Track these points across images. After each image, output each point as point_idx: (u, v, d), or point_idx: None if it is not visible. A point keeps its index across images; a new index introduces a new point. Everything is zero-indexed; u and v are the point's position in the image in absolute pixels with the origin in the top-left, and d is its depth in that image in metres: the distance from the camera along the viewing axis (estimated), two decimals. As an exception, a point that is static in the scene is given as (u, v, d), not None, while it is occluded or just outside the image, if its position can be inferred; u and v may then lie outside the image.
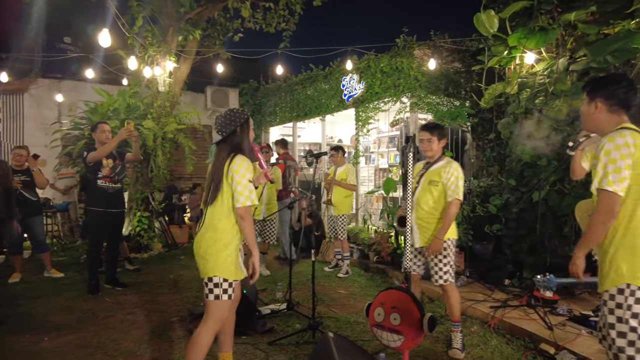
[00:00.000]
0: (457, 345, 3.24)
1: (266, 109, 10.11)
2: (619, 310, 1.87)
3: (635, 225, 1.88)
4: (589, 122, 2.12)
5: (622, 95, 1.98)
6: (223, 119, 2.47)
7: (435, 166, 3.29)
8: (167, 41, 7.41)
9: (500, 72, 5.28)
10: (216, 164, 2.41)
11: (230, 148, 2.43)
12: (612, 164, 1.85)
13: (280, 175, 5.98)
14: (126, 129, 4.54)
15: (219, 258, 2.35)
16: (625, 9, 4.06)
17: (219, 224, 2.36)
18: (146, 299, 4.61)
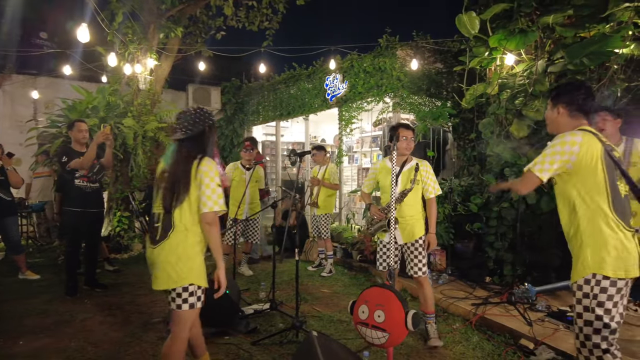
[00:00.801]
0: (435, 335, 3.40)
1: (249, 107, 10.04)
2: (586, 299, 1.99)
3: (597, 218, 2.02)
4: (552, 125, 2.31)
5: (581, 101, 2.16)
6: (191, 117, 2.33)
7: (409, 166, 3.48)
8: (148, 38, 7.29)
9: (481, 73, 5.36)
10: (180, 164, 2.27)
11: (197, 149, 2.31)
12: (551, 156, 2.06)
13: (264, 174, 5.95)
14: (102, 132, 4.46)
15: (195, 265, 2.25)
16: (600, 13, 4.16)
17: (191, 229, 2.24)
18: (126, 300, 4.53)
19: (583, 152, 2.01)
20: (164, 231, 2.23)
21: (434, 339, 3.38)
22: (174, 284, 2.22)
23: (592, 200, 2.03)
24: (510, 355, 3.24)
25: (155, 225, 2.27)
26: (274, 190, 10.00)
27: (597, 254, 1.98)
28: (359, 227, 6.81)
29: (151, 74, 7.49)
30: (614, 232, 1.99)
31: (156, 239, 2.25)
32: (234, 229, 5.04)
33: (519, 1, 4.69)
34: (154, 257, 2.25)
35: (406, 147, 3.43)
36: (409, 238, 3.46)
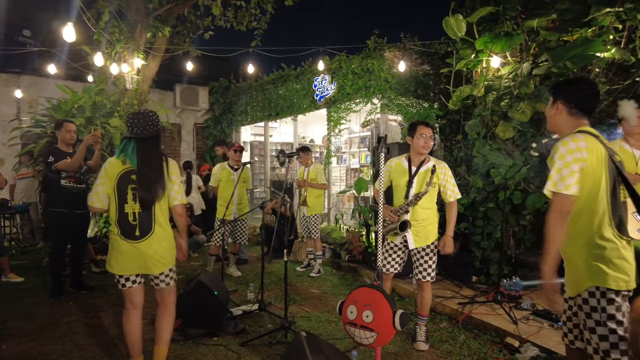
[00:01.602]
0: (422, 338, 3.39)
1: (237, 108, 10.01)
2: (595, 313, 1.87)
3: (595, 228, 1.90)
4: (550, 123, 2.17)
5: (582, 98, 2.01)
6: (149, 118, 2.53)
7: (427, 166, 3.28)
8: (135, 37, 7.22)
9: (467, 75, 5.43)
10: (152, 163, 2.52)
11: (159, 149, 2.60)
12: (567, 167, 1.87)
13: (251, 174, 5.94)
14: (92, 135, 4.39)
15: (173, 250, 2.69)
16: (582, 17, 4.26)
17: (166, 221, 2.62)
18: (113, 302, 4.48)
19: (591, 157, 1.88)
20: (146, 225, 2.53)
21: (421, 342, 3.37)
22: (165, 268, 2.62)
23: (592, 209, 1.91)
24: (496, 353, 3.29)
25: (132, 223, 2.51)
26: (263, 191, 9.99)
27: (597, 265, 1.87)
28: (347, 228, 6.84)
29: (138, 74, 7.42)
30: (612, 242, 1.88)
31: (136, 234, 2.51)
32: (222, 230, 5.02)
33: (504, 5, 4.77)
34: (142, 250, 2.53)
35: (424, 145, 3.22)
36: (423, 242, 3.30)
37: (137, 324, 2.67)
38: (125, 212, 2.53)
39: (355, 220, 6.74)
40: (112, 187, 2.54)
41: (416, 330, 3.44)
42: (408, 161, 3.36)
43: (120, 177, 2.52)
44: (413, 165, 3.32)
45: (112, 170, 2.55)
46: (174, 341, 3.44)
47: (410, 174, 3.30)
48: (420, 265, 3.35)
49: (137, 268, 2.57)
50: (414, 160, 3.33)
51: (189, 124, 10.66)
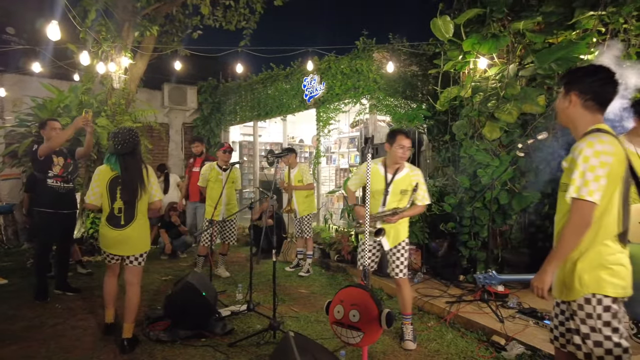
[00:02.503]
0: (410, 337, 3.43)
1: (226, 107, 9.96)
2: (590, 320, 1.81)
3: (601, 234, 1.81)
4: (562, 117, 1.98)
5: (598, 88, 1.82)
6: (127, 135, 3.28)
7: (402, 174, 3.39)
8: (123, 36, 7.14)
9: (455, 76, 5.48)
10: (132, 171, 3.30)
11: (137, 159, 3.37)
12: (591, 172, 1.72)
13: (240, 175, 5.92)
14: (83, 117, 4.27)
15: (148, 239, 3.47)
16: (566, 20, 4.34)
17: (145, 214, 3.42)
18: (100, 304, 4.42)
19: (615, 163, 1.74)
20: (129, 217, 3.31)
21: (409, 341, 3.41)
22: (138, 251, 3.40)
23: (602, 216, 1.79)
24: (482, 351, 3.33)
25: (118, 215, 3.30)
26: (252, 191, 9.96)
27: (595, 272, 1.79)
28: (336, 227, 6.85)
29: (126, 73, 7.34)
30: (611, 248, 1.80)
31: (121, 224, 3.30)
32: (210, 231, 4.99)
33: (491, 7, 4.82)
34: (125, 236, 3.31)
35: (401, 156, 3.32)
36: (395, 242, 3.45)
37: (112, 286, 3.61)
38: (113, 207, 3.31)
39: (344, 220, 6.76)
40: (105, 188, 3.31)
41: (403, 329, 3.48)
42: (384, 167, 3.42)
43: (111, 181, 3.31)
44: (389, 173, 3.40)
45: (103, 176, 3.33)
46: (162, 342, 3.43)
47: (387, 181, 3.37)
48: (393, 263, 3.48)
49: (121, 250, 3.36)
50: (390, 168, 3.41)
51: (177, 124, 10.58)
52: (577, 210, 1.76)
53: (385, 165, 3.43)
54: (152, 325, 3.67)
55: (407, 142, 3.32)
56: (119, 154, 3.28)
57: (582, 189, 1.73)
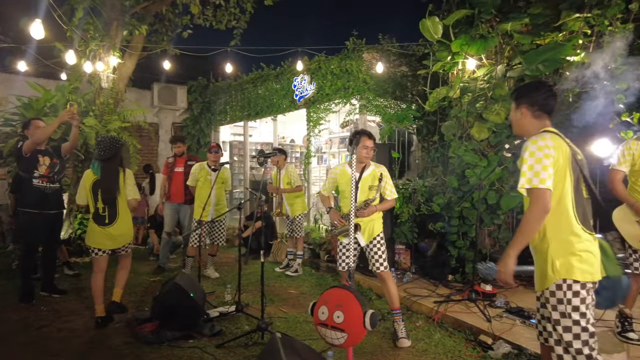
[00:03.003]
0: (403, 335, 3.44)
1: (216, 107, 9.91)
2: (561, 305, 1.93)
3: (563, 222, 1.98)
4: (516, 127, 2.26)
5: (543, 101, 2.12)
6: (108, 143, 3.79)
7: (368, 171, 3.57)
8: (111, 35, 7.07)
9: (444, 77, 5.51)
10: (109, 176, 3.79)
11: (118, 164, 3.87)
12: (538, 163, 1.93)
13: (230, 175, 5.89)
14: (68, 111, 4.20)
15: (131, 231, 4.03)
16: (553, 22, 4.38)
17: (128, 211, 3.92)
18: (87, 306, 4.38)
19: (557, 155, 1.96)
20: (112, 215, 3.81)
21: (403, 339, 3.42)
22: (126, 242, 3.98)
23: (558, 205, 1.98)
24: (470, 350, 3.35)
25: (102, 214, 3.79)
26: (241, 191, 9.92)
27: (565, 258, 1.94)
28: (326, 228, 6.85)
29: (114, 72, 7.27)
30: (578, 236, 1.96)
31: (106, 222, 3.80)
32: (199, 231, 4.96)
33: (479, 8, 4.85)
34: (113, 231, 3.83)
35: (365, 155, 3.51)
36: (370, 237, 3.59)
37: (100, 283, 3.87)
38: (97, 207, 3.79)
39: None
40: (89, 190, 3.80)
41: (395, 327, 3.49)
42: (350, 167, 3.49)
43: (93, 184, 3.80)
44: (356, 172, 3.50)
45: (87, 179, 3.83)
46: (149, 344, 3.40)
47: (355, 180, 3.45)
48: (372, 258, 3.59)
49: (108, 245, 3.87)
50: (357, 167, 3.52)
51: (167, 124, 10.51)
52: (537, 198, 1.94)
53: (352, 166, 3.51)
54: (139, 326, 3.64)
55: (370, 142, 3.50)
56: (100, 159, 3.78)
57: (533, 179, 1.94)
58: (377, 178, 3.51)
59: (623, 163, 3.15)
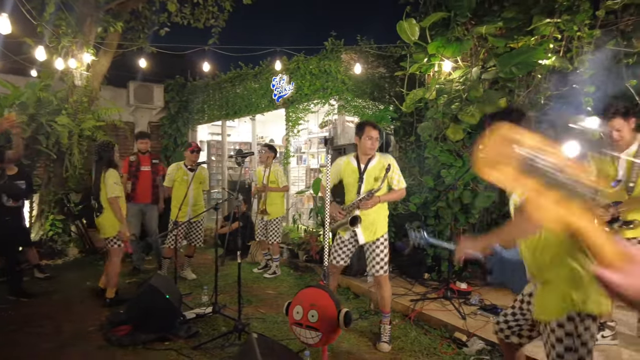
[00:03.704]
0: (386, 339, 3.41)
1: (193, 106, 9.79)
2: (569, 339, 1.80)
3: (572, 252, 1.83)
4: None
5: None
6: (98, 148, 4.38)
7: (373, 162, 3.43)
8: (84, 32, 6.90)
9: (420, 78, 5.58)
10: (96, 176, 4.33)
11: (101, 164, 4.32)
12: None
13: (207, 175, 5.82)
14: (5, 118, 3.98)
15: (115, 225, 4.31)
16: (526, 26, 4.50)
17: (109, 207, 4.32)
18: (58, 309, 4.27)
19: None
20: (99, 209, 4.29)
21: (384, 343, 3.39)
22: (109, 234, 4.32)
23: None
24: (445, 347, 3.41)
25: (96, 208, 4.32)
26: (219, 191, 9.83)
27: (582, 290, 1.78)
28: (305, 228, 6.86)
29: (88, 70, 7.11)
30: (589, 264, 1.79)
31: (97, 215, 4.33)
32: (175, 232, 4.89)
33: (455, 11, 4.94)
34: (99, 222, 4.35)
35: (371, 146, 3.36)
36: (372, 236, 3.43)
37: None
38: (93, 202, 4.37)
39: (313, 220, 6.77)
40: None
41: (380, 329, 3.46)
42: (356, 160, 3.48)
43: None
44: (361, 163, 3.45)
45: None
46: (123, 347, 3.34)
47: (360, 171, 3.42)
48: (373, 259, 3.45)
49: (101, 234, 4.40)
50: (362, 159, 3.46)
51: (143, 123, 10.31)
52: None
53: (357, 158, 3.49)
54: (113, 329, 3.57)
55: (375, 132, 3.36)
56: (94, 161, 4.45)
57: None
58: (384, 168, 3.35)
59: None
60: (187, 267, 5.61)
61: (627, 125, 2.96)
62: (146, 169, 5.70)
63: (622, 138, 2.97)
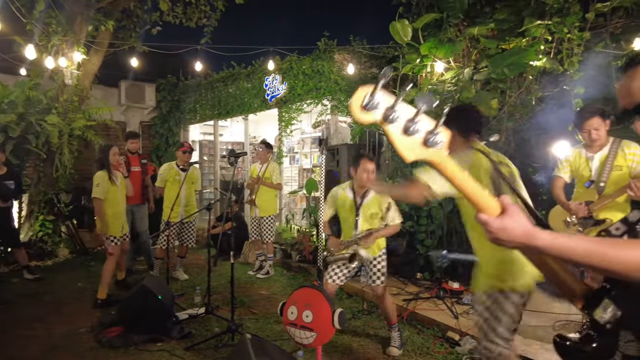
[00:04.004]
0: (395, 344, 3.36)
1: (185, 105, 9.73)
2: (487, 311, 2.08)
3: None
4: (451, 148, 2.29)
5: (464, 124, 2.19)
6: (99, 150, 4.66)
7: (370, 197, 3.35)
8: (75, 30, 6.84)
9: (413, 79, 5.60)
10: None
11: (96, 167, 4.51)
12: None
13: (200, 175, 5.78)
14: None
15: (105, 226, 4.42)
16: (517, 28, 4.54)
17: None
18: (49, 311, 4.23)
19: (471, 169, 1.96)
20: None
21: (393, 347, 3.34)
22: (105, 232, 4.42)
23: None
24: (438, 347, 3.43)
25: None
26: (211, 192, 9.78)
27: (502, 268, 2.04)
28: (298, 228, 6.85)
29: (79, 69, 7.04)
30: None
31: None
32: (167, 232, 4.86)
33: (447, 12, 4.97)
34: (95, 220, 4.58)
35: (367, 179, 3.28)
36: (374, 253, 3.40)
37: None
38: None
39: (306, 220, 6.77)
40: None
41: (390, 334, 3.42)
42: (352, 191, 3.39)
43: None
44: (358, 196, 3.36)
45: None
46: (115, 348, 3.32)
47: (357, 206, 3.34)
48: (374, 274, 3.41)
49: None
50: (358, 191, 3.37)
51: (135, 122, 10.23)
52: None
53: (354, 189, 3.40)
54: (105, 330, 3.54)
55: (371, 165, 3.30)
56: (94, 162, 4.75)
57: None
58: (383, 207, 3.32)
59: (561, 170, 3.31)
60: (180, 268, 5.58)
61: (604, 126, 3.03)
62: (136, 169, 5.66)
63: (600, 138, 3.03)
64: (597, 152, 3.10)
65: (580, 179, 3.25)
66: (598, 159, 3.09)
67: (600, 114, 3.00)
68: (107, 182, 4.39)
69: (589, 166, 3.13)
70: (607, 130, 3.05)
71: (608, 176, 3.03)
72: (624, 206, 3.05)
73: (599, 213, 3.04)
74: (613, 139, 3.07)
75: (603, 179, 3.04)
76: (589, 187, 3.12)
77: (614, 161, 3.03)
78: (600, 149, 3.08)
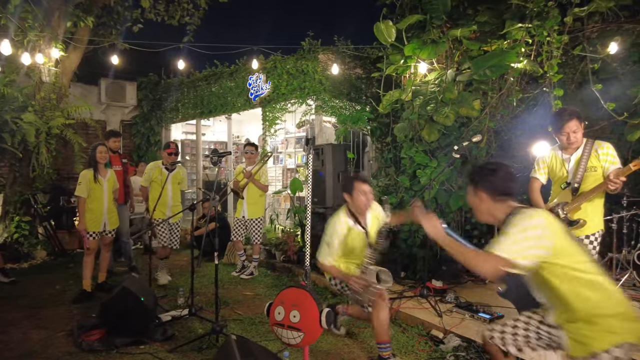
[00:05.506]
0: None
1: (167, 104, 9.59)
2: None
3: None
4: (478, 213, 2.13)
5: (500, 185, 2.00)
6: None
7: (369, 217, 3.30)
8: (52, 26, 6.66)
9: (397, 80, 5.64)
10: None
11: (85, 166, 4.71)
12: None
13: (185, 174, 5.70)
14: None
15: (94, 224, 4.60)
16: (499, 30, 4.62)
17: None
18: (24, 315, 4.11)
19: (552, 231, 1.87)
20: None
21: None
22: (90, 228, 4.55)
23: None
24: (422, 345, 3.46)
25: None
26: (194, 192, 9.66)
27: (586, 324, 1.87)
28: (282, 228, 6.83)
29: (57, 66, 6.87)
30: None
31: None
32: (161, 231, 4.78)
33: (431, 14, 5.01)
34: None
35: (366, 202, 3.14)
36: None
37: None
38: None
39: (290, 220, 6.75)
40: None
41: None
42: (353, 218, 3.25)
43: None
44: (362, 223, 3.25)
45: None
46: (95, 352, 3.24)
47: (365, 232, 3.24)
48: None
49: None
50: (360, 218, 3.25)
51: (115, 121, 10.04)
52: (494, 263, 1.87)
53: (354, 216, 3.24)
54: (85, 334, 3.45)
55: (367, 186, 3.16)
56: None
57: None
58: (378, 218, 3.27)
59: (537, 171, 3.36)
60: (162, 270, 5.49)
61: (581, 128, 3.09)
62: (117, 169, 5.54)
63: (577, 140, 3.10)
64: (572, 154, 3.16)
65: (556, 180, 3.31)
66: (574, 160, 3.15)
67: (577, 117, 3.07)
68: (90, 181, 4.50)
69: (565, 167, 3.19)
70: (582, 132, 3.11)
71: (582, 177, 3.09)
72: (597, 206, 3.12)
73: (573, 214, 3.10)
74: (586, 140, 3.14)
75: (577, 179, 3.10)
76: (566, 188, 3.18)
77: (588, 162, 3.09)
78: (576, 151, 3.15)
